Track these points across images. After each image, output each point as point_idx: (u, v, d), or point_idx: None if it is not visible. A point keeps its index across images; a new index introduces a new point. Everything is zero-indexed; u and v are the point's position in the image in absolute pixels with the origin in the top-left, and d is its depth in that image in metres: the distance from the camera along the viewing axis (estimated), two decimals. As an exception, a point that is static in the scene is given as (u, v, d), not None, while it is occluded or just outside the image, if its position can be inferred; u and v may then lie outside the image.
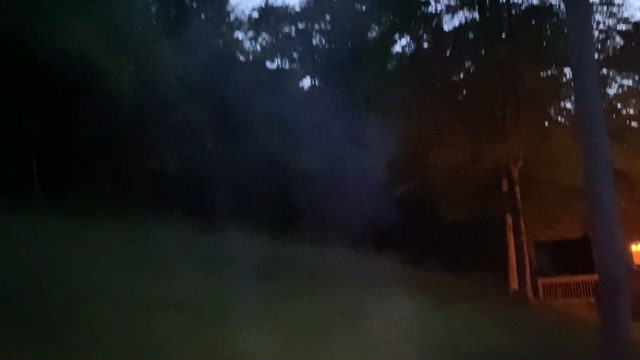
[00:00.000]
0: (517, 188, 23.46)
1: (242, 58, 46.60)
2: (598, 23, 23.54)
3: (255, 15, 49.79)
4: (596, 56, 23.04)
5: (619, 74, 24.34)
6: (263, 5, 49.46)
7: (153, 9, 40.20)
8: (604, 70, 23.94)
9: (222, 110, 30.23)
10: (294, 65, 49.99)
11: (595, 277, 11.68)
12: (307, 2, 49.70)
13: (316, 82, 49.55)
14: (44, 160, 22.66)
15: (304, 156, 30.06)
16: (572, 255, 25.89)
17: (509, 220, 24.44)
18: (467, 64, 26.36)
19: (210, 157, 27.21)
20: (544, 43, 24.11)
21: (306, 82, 51.35)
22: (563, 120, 25.70)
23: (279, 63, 50.46)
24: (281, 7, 50.00)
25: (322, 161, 32.04)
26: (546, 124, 25.42)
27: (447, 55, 26.38)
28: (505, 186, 24.26)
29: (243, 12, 50.11)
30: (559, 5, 22.43)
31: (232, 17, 48.96)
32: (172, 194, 24.90)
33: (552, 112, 26.24)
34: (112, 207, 21.39)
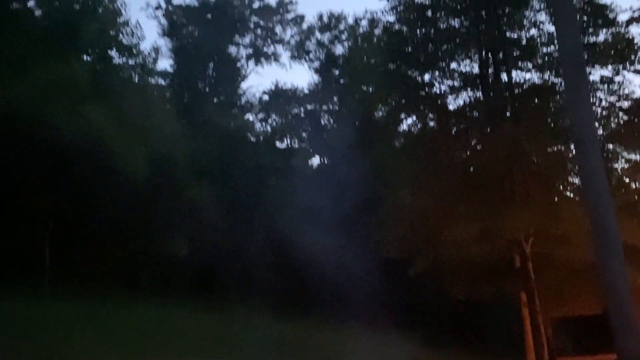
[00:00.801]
0: (530, 264, 23.18)
1: (253, 138, 47.89)
2: (600, 100, 24.02)
3: (266, 97, 51.74)
4: (600, 132, 23.51)
5: (625, 149, 24.55)
6: (273, 87, 51.61)
7: (167, 94, 41.91)
8: (610, 146, 24.20)
9: (233, 191, 30.79)
10: (304, 145, 51.24)
11: (614, 356, 11.37)
12: (316, 84, 51.65)
13: (325, 160, 50.53)
14: (57, 241, 22.91)
15: (314, 235, 30.20)
16: (590, 333, 25.19)
17: (523, 297, 23.97)
18: (473, 142, 26.76)
19: (221, 239, 27.36)
20: (548, 120, 24.57)
21: (315, 160, 52.49)
22: (572, 195, 25.72)
23: (289, 142, 51.79)
24: (290, 89, 51.97)
25: (332, 240, 32.11)
26: (555, 199, 25.43)
27: (453, 133, 26.88)
28: (517, 262, 24.00)
29: (254, 95, 51.63)
30: (561, 84, 23.03)
31: (243, 100, 50.90)
32: (183, 275, 24.93)
33: (561, 187, 26.32)
34: (123, 288, 21.41)
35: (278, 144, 50.18)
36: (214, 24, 47.22)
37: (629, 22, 22.59)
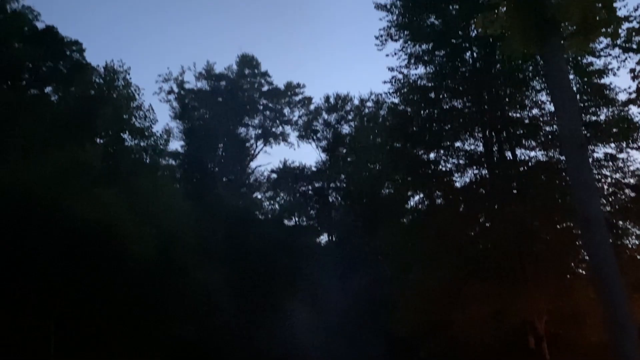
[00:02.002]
0: (545, 345, 22.52)
1: (261, 217, 48.12)
2: (605, 177, 24.10)
3: (274, 176, 52.47)
4: (608, 209, 23.42)
5: (635, 225, 24.31)
6: (281, 166, 52.45)
7: (178, 174, 42.65)
8: (619, 222, 24.00)
9: (242, 271, 30.59)
10: (312, 222, 51.37)
11: None
12: (323, 162, 52.49)
13: (333, 238, 50.46)
14: (63, 328, 22.61)
15: (324, 316, 29.68)
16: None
17: (540, 378, 23.13)
18: (481, 219, 26.70)
19: (230, 322, 26.93)
20: (556, 196, 24.55)
21: (324, 238, 52.41)
22: (585, 273, 25.29)
23: (297, 220, 51.95)
24: (298, 167, 52.81)
25: (342, 319, 31.50)
26: (567, 277, 25.00)
27: (461, 210, 26.89)
28: (532, 343, 23.31)
29: (262, 173, 52.38)
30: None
31: (252, 179, 51.69)
32: (191, 358, 24.34)
33: (572, 264, 25.93)
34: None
35: (286, 222, 50.37)
36: (224, 106, 48.75)
37: (627, 102, 23.04)
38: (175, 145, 49.51)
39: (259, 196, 51.80)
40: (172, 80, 49.74)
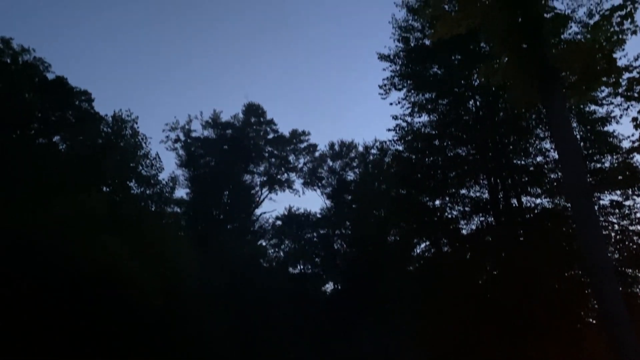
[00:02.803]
0: (556, 394, 21.89)
1: (266, 264, 47.82)
2: (612, 224, 23.93)
3: (279, 223, 52.42)
4: (616, 256, 23.17)
5: (645, 272, 23.97)
6: (286, 213, 52.45)
7: (183, 222, 42.62)
8: (629, 271, 23.68)
9: (246, 319, 30.22)
10: (317, 270, 50.94)
11: None
12: (328, 209, 52.46)
13: (339, 286, 49.92)
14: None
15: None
16: None
17: None
18: (487, 267, 26.41)
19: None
20: (563, 244, 24.31)
21: (329, 286, 51.87)
22: (594, 322, 24.80)
23: (302, 268, 51.56)
24: (303, 214, 52.78)
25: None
26: (577, 325, 24.49)
27: (468, 258, 26.64)
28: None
29: (267, 220, 52.33)
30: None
31: (256, 226, 51.60)
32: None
33: (582, 313, 25.43)
34: None
35: (291, 269, 50.02)
36: (230, 154, 49.15)
37: (631, 150, 23.10)
38: (181, 192, 49.73)
39: (264, 243, 51.63)
40: (179, 129, 50.40)
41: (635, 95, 19.95)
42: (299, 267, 50.67)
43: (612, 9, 10.68)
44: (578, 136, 23.85)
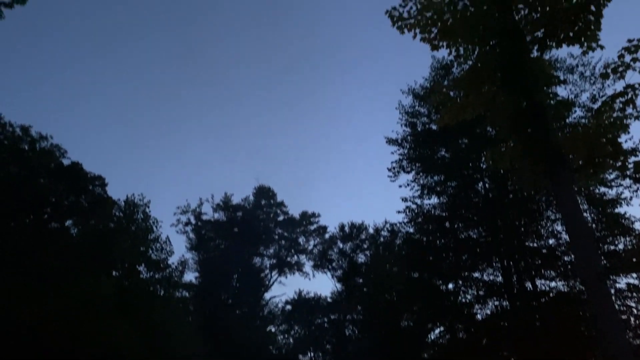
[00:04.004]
0: None
1: (275, 351, 46.50)
2: (630, 308, 23.26)
3: (289, 307, 51.43)
4: (637, 342, 22.32)
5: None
6: (296, 297, 51.55)
7: (191, 306, 42.00)
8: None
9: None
10: (327, 358, 49.36)
11: None
12: (339, 292, 51.52)
13: (350, 374, 48.16)
14: None
15: None
16: None
17: None
18: (505, 353, 25.52)
19: None
20: (581, 329, 23.56)
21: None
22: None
23: (312, 355, 50.03)
24: (313, 298, 51.85)
25: None
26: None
27: (484, 344, 25.81)
28: None
29: (277, 305, 51.43)
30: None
31: (265, 311, 50.67)
32: None
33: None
34: None
35: (301, 357, 48.54)
36: (240, 236, 49.16)
37: (642, 234, 22.85)
38: (190, 276, 49.31)
39: (273, 329, 50.47)
40: (190, 212, 50.81)
41: (643, 178, 20.06)
42: (309, 354, 49.21)
43: (613, 96, 10.94)
44: (589, 218, 23.69)
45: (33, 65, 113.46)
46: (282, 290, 75.44)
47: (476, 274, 26.51)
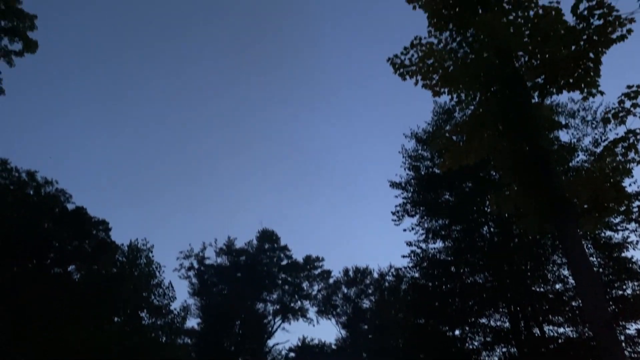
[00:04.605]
0: None
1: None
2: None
3: (292, 355, 50.42)
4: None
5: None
6: (299, 343, 50.63)
7: (193, 354, 41.30)
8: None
9: None
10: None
11: None
12: (343, 339, 50.63)
13: None
14: None
15: None
16: None
17: None
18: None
19: None
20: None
21: None
22: None
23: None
24: (317, 344, 50.91)
25: None
26: None
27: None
28: None
29: (280, 352, 50.49)
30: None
31: (269, 359, 49.66)
32: None
33: None
34: None
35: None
36: (243, 281, 48.68)
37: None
38: (192, 322, 48.64)
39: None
40: (192, 256, 50.51)
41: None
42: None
43: (614, 141, 10.99)
44: (596, 262, 23.46)
45: (40, 110, 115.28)
46: (286, 337, 74.23)
47: (483, 320, 26.10)
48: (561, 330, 24.71)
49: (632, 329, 22.95)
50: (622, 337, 21.58)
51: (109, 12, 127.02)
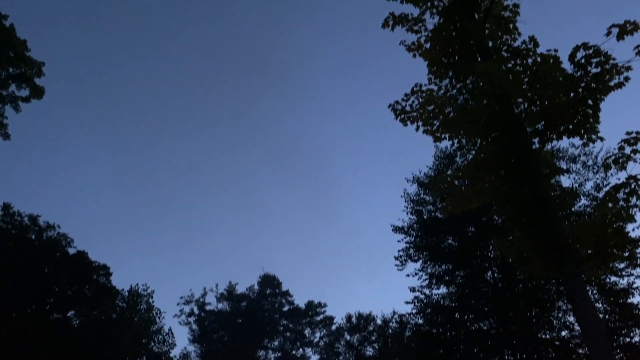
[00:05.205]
0: None
1: None
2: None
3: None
4: None
5: None
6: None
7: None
8: None
9: None
10: None
11: None
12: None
13: None
14: None
15: None
16: None
17: None
18: None
19: None
20: None
21: None
22: None
23: None
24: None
25: None
26: None
27: None
28: None
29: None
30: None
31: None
32: None
33: None
34: None
35: None
36: (244, 328, 47.98)
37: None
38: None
39: None
40: (193, 302, 49.96)
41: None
42: None
43: (615, 187, 11.00)
44: (601, 308, 23.15)
45: (44, 156, 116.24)
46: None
47: (489, 368, 25.59)
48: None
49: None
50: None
51: (117, 60, 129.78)
